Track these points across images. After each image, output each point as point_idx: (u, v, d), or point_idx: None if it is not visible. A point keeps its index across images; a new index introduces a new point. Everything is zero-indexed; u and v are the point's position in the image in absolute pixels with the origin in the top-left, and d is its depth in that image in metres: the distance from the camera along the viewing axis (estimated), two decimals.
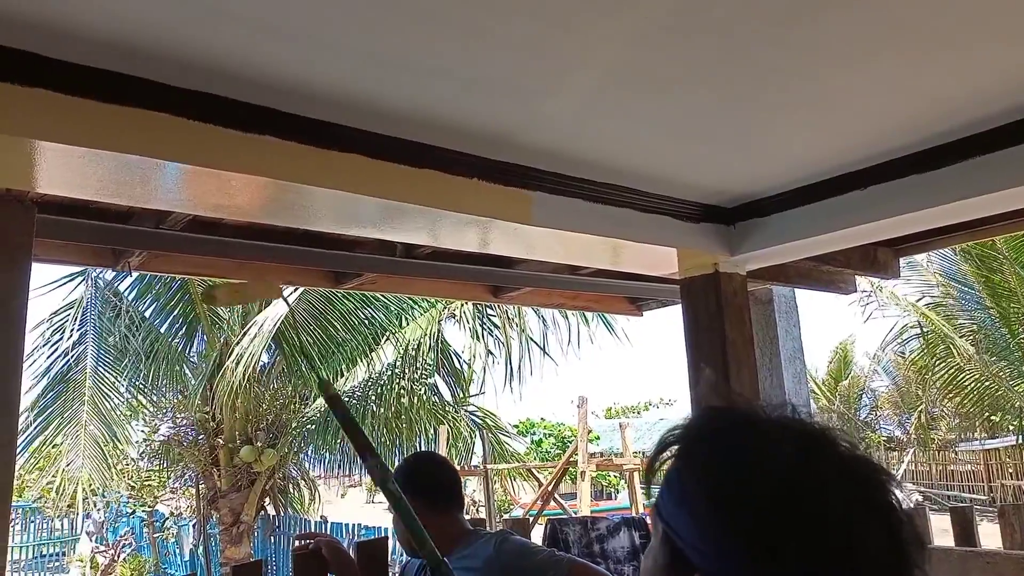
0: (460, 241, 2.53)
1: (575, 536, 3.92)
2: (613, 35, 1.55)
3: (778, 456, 0.65)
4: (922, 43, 1.64)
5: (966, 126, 2.08)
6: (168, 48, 1.51)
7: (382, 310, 9.41)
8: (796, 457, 0.65)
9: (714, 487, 0.66)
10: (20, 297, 1.81)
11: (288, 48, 1.54)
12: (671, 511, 0.69)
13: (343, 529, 11.29)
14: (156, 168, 1.69)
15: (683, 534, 0.67)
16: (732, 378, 2.69)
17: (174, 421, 10.08)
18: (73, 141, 1.54)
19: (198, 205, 2.06)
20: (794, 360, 3.97)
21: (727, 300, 2.74)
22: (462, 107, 1.85)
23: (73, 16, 1.39)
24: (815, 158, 2.30)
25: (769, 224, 2.63)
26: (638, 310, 4.51)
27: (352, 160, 1.90)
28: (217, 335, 9.17)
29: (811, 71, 1.74)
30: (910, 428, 23.22)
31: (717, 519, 0.65)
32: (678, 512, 0.69)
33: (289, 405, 9.87)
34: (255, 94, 1.72)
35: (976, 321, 12.31)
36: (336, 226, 2.32)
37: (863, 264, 3.31)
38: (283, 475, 10.38)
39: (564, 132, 2.03)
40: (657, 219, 2.55)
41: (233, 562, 8.80)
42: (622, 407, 32.17)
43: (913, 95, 1.90)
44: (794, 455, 0.65)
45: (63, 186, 1.80)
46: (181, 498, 12.29)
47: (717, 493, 0.65)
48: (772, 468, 0.65)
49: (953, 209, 2.27)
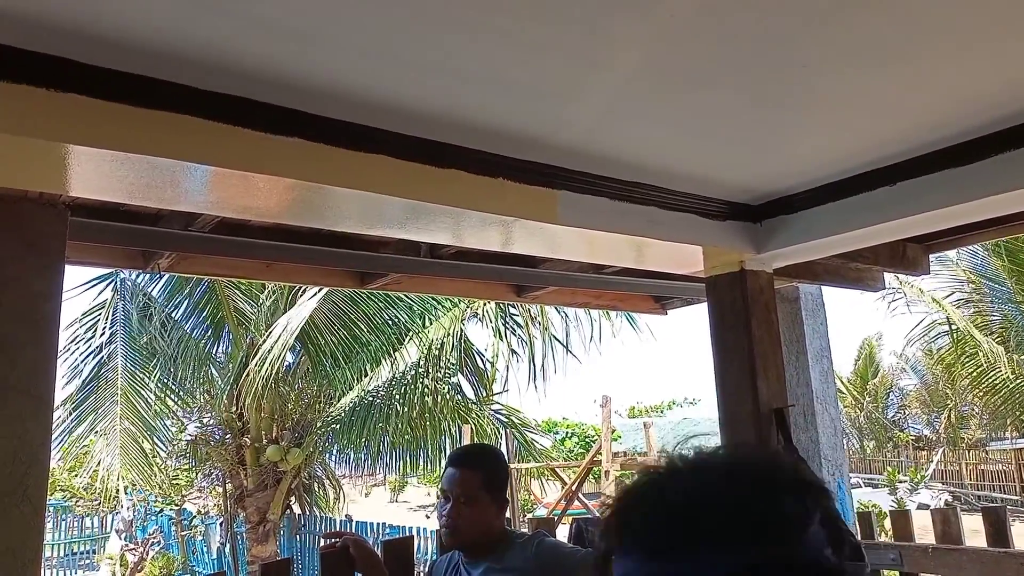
0: (484, 241, 2.53)
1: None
2: (638, 35, 1.55)
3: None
4: (952, 38, 1.62)
5: (997, 121, 2.05)
6: (197, 52, 1.53)
7: (405, 310, 9.45)
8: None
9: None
10: (54, 299, 1.84)
11: (314, 51, 1.55)
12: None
13: (368, 528, 11.37)
14: (185, 170, 1.71)
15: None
16: (759, 377, 2.67)
17: (201, 421, 10.20)
18: (105, 145, 1.56)
19: (226, 207, 2.08)
20: (821, 358, 3.93)
21: (754, 298, 2.72)
22: (487, 108, 1.85)
23: (105, 22, 1.41)
24: (843, 154, 2.28)
25: (797, 221, 2.61)
26: (662, 308, 4.48)
27: (378, 161, 1.91)
28: (243, 335, 9.26)
29: (840, 67, 1.72)
30: (939, 427, 22.91)
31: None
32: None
33: (314, 405, 9.94)
34: (282, 96, 1.73)
35: (1007, 317, 12.11)
36: (361, 227, 2.33)
37: (892, 261, 3.27)
38: (308, 474, 10.47)
39: (590, 131, 2.02)
40: (683, 217, 2.54)
41: (260, 560, 8.88)
42: (645, 407, 32.05)
43: (943, 90, 1.88)
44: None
45: (95, 189, 1.82)
46: (208, 497, 12.43)
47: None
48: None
49: (984, 205, 2.24)
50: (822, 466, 3.68)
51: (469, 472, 2.11)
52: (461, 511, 2.07)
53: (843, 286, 3.55)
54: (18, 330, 1.77)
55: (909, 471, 20.81)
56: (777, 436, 2.62)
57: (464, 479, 2.10)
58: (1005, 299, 12.15)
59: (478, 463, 2.16)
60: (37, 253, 1.83)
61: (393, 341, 9.31)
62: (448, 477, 2.13)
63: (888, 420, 25.21)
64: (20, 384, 1.74)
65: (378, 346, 9.22)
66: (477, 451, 2.44)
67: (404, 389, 9.42)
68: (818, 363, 3.89)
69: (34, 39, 1.45)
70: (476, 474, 2.11)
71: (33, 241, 1.82)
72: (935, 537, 3.12)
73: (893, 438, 24.85)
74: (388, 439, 9.52)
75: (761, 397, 2.64)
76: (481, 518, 2.08)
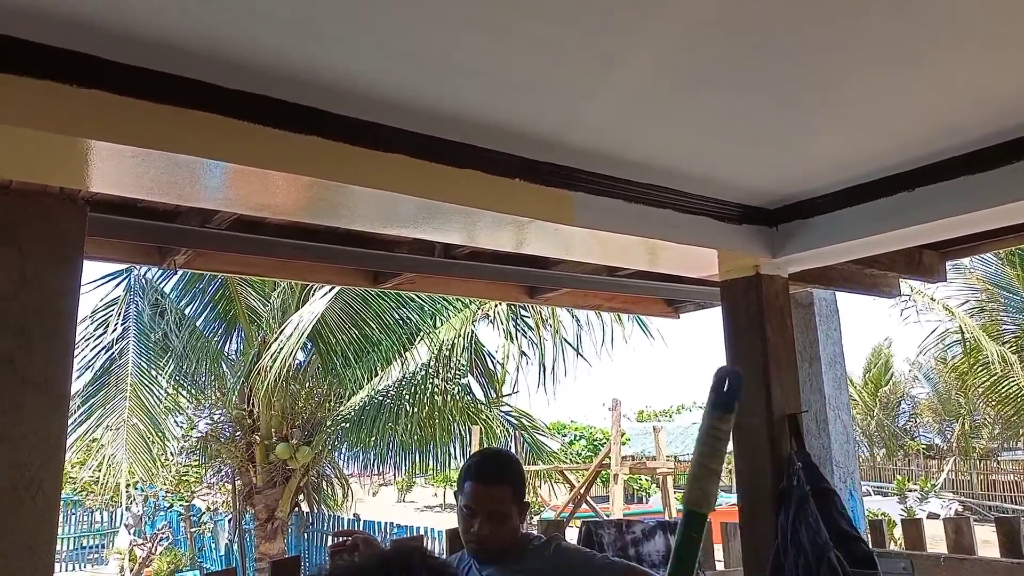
0: (498, 241, 2.53)
1: (610, 539, 3.90)
2: (655, 35, 1.54)
3: None
4: (972, 42, 1.61)
5: (1017, 127, 2.03)
6: (218, 49, 1.53)
7: (417, 310, 9.46)
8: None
9: None
10: (72, 295, 1.84)
11: (333, 50, 1.56)
12: None
13: (376, 527, 11.39)
14: (204, 167, 1.71)
15: None
16: (772, 382, 2.65)
17: (212, 417, 10.25)
18: (126, 141, 1.57)
19: (244, 204, 2.09)
20: (834, 365, 3.91)
21: (768, 302, 2.70)
22: (504, 108, 1.85)
23: (127, 18, 1.42)
24: (861, 159, 2.26)
25: (813, 226, 2.59)
26: (675, 312, 4.47)
27: (395, 160, 1.91)
28: (255, 333, 9.30)
29: (858, 71, 1.71)
30: (951, 436, 22.75)
31: None
32: None
33: (324, 403, 9.96)
34: (301, 95, 1.74)
35: (1021, 327, 12.01)
36: (377, 225, 2.34)
37: (908, 267, 3.25)
38: (317, 473, 10.49)
39: (606, 133, 2.02)
40: (698, 220, 2.53)
41: (268, 558, 8.91)
42: (654, 411, 31.98)
43: (963, 95, 1.86)
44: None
45: (115, 185, 1.83)
46: (217, 493, 12.48)
47: None
48: None
49: (1003, 212, 2.22)
50: (834, 473, 3.66)
51: (498, 489, 2.04)
52: (492, 529, 2.00)
53: (858, 292, 3.53)
54: (36, 326, 1.77)
55: (919, 480, 20.67)
56: (790, 442, 2.61)
57: (494, 497, 2.03)
58: (1019, 308, 12.05)
59: (505, 477, 2.08)
60: (56, 248, 1.84)
61: (404, 341, 9.33)
62: (474, 493, 2.04)
63: (899, 428, 25.05)
64: (38, 380, 1.75)
65: (389, 346, 9.24)
66: (502, 464, 2.23)
67: (414, 389, 9.44)
68: (831, 369, 3.87)
69: (55, 35, 1.46)
70: (504, 490, 2.05)
71: (52, 236, 1.83)
72: (947, 546, 3.10)
73: (904, 446, 24.69)
74: (397, 439, 9.53)
75: (775, 403, 2.63)
76: (510, 530, 2.05)
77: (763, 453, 2.61)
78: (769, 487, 2.56)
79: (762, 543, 2.56)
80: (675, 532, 3.90)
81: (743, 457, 2.69)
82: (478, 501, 2.03)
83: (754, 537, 2.64)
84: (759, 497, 2.61)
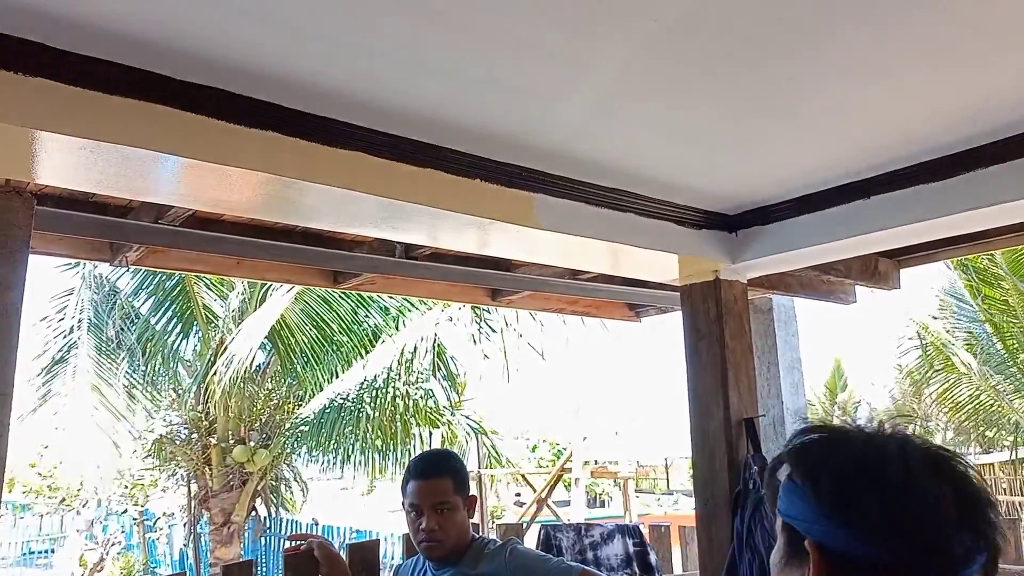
0: (461, 242, 2.51)
1: (568, 542, 3.89)
2: (622, 40, 1.54)
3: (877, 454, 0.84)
4: (931, 57, 1.64)
5: (972, 138, 2.08)
6: (172, 41, 1.50)
7: (379, 313, 9.39)
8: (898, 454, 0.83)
9: (828, 485, 0.83)
10: (17, 289, 1.79)
11: (293, 44, 1.53)
12: (789, 506, 0.86)
13: (334, 531, 11.26)
14: (157, 161, 1.67)
15: (796, 515, 0.84)
16: (730, 387, 2.68)
17: (167, 419, 10.03)
18: (74, 132, 1.52)
19: (197, 199, 2.05)
20: (792, 370, 3.96)
21: (727, 307, 2.73)
22: (467, 107, 1.84)
23: (78, 6, 1.37)
24: (820, 167, 2.29)
25: (772, 232, 2.62)
26: (636, 316, 4.49)
27: (354, 157, 1.89)
28: (212, 333, 9.14)
29: (821, 82, 1.74)
30: None
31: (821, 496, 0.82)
32: (793, 504, 0.85)
33: (283, 406, 9.83)
34: (259, 90, 1.70)
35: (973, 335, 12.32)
36: (336, 224, 2.31)
37: (864, 274, 3.31)
38: (275, 476, 10.34)
39: (568, 135, 2.02)
40: (659, 225, 2.54)
41: (223, 562, 8.75)
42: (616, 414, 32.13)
43: (920, 107, 1.90)
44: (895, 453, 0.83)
45: (63, 178, 1.78)
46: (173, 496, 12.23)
47: (833, 490, 0.82)
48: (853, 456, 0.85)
49: (957, 221, 2.27)
50: None
51: (438, 481, 2.06)
52: (439, 522, 2.01)
53: (815, 298, 3.58)
54: None
55: None
56: (747, 446, 2.63)
57: (435, 489, 2.04)
58: (971, 318, 12.36)
59: (444, 470, 2.10)
60: (1, 242, 1.78)
61: (366, 343, 9.24)
62: (417, 491, 2.05)
63: None
64: None
65: (350, 348, 9.15)
66: (440, 458, 2.36)
67: (375, 392, 9.35)
68: (789, 375, 3.92)
69: (1, 22, 1.41)
70: (445, 481, 2.06)
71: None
72: None
73: None
74: (358, 443, 9.44)
75: (732, 407, 2.65)
76: (459, 523, 2.05)
77: (720, 457, 2.63)
78: (726, 490, 2.58)
79: (719, 546, 2.58)
80: (634, 536, 3.92)
81: (701, 461, 2.70)
82: (421, 496, 2.04)
83: (711, 540, 2.66)
84: (716, 500, 2.63)
